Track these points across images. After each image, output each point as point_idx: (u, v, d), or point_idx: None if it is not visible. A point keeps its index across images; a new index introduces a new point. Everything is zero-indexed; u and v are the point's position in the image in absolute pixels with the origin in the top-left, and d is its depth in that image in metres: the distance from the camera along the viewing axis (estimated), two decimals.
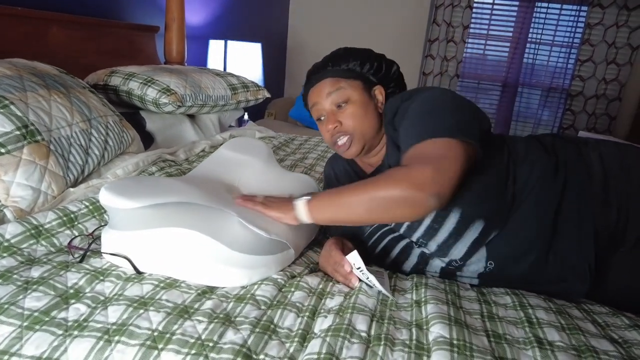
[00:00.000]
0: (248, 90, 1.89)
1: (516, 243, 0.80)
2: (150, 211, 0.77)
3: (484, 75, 3.58)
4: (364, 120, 0.92)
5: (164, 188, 0.82)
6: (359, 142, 0.92)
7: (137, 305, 0.67)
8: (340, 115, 0.92)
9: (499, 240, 0.80)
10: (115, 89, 1.54)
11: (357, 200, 0.75)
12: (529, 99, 3.54)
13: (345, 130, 0.92)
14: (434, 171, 0.71)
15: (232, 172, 1.10)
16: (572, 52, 3.29)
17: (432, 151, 0.75)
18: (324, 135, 0.96)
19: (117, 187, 0.78)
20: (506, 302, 0.76)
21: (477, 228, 0.79)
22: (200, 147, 1.52)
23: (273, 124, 3.05)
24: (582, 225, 0.80)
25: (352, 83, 0.93)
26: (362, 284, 0.77)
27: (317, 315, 0.69)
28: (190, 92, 1.58)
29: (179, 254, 0.76)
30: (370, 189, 0.74)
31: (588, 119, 3.30)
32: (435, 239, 0.82)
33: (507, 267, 0.82)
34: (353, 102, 0.92)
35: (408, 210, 0.72)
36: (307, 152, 1.76)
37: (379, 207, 0.73)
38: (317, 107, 0.94)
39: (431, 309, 0.69)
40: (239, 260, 0.77)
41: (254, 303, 0.70)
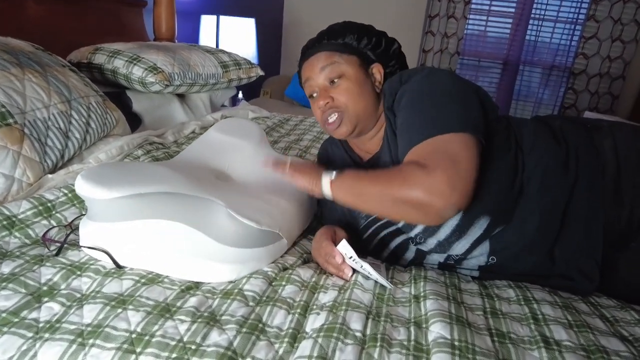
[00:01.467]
0: (240, 68, 1.82)
1: (520, 237, 0.76)
2: (131, 201, 0.72)
3: (484, 52, 3.49)
4: (359, 98, 0.85)
5: (147, 176, 0.77)
6: (350, 122, 0.85)
7: (115, 304, 0.62)
8: (333, 91, 0.86)
9: (503, 234, 0.76)
10: (100, 67, 1.46)
11: (375, 193, 0.71)
12: (530, 78, 3.45)
13: (337, 106, 0.85)
14: (454, 177, 0.65)
15: (222, 156, 1.05)
16: (576, 29, 3.18)
17: (447, 150, 0.69)
18: (315, 113, 0.90)
19: (95, 175, 0.73)
20: (509, 296, 0.72)
21: (482, 224, 0.75)
22: (189, 129, 1.46)
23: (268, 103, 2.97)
24: (591, 220, 0.76)
25: (348, 58, 0.86)
26: (358, 276, 0.73)
27: (309, 312, 0.65)
28: (178, 71, 1.51)
29: (162, 248, 0.72)
30: (388, 185, 0.70)
31: (590, 98, 3.22)
32: (436, 236, 0.77)
33: (510, 263, 0.78)
34: (347, 78, 0.85)
35: (422, 217, 0.69)
36: (302, 133, 1.71)
37: (393, 206, 0.70)
38: (310, 82, 0.88)
39: (431, 305, 0.65)
40: (227, 254, 0.72)
41: (242, 299, 0.66)
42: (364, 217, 0.90)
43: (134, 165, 0.83)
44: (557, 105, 3.38)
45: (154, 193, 0.73)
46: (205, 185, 0.84)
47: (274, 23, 3.57)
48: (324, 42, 0.88)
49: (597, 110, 3.23)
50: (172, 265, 0.72)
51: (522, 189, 0.76)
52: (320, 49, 0.88)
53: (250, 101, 2.98)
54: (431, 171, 0.66)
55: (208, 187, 0.83)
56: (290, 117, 1.96)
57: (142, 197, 0.72)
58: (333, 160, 1.01)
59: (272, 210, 0.82)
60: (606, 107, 3.21)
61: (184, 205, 0.75)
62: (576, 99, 3.28)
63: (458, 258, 0.79)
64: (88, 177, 0.71)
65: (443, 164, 0.67)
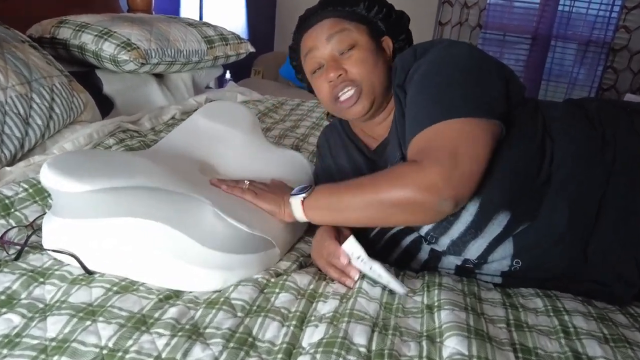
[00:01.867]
0: (227, 44, 1.82)
1: (548, 236, 0.76)
2: (104, 196, 0.72)
3: (510, 25, 3.47)
4: (375, 69, 0.86)
5: (123, 167, 0.78)
6: (368, 97, 0.85)
7: (84, 315, 0.63)
8: (345, 61, 0.85)
9: (528, 232, 0.76)
10: (65, 43, 1.46)
11: (357, 203, 0.74)
12: (563, 55, 3.45)
13: (352, 79, 0.85)
14: (448, 168, 0.67)
15: (207, 147, 1.06)
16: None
17: (445, 139, 0.70)
18: (320, 91, 0.89)
19: (64, 164, 0.73)
20: (537, 306, 0.72)
21: (502, 221, 0.75)
22: (169, 114, 1.47)
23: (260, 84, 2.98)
24: (630, 214, 0.76)
25: (358, 26, 0.87)
26: (363, 282, 0.74)
27: (307, 324, 0.65)
28: (155, 47, 1.51)
29: (138, 250, 0.72)
30: (370, 191, 0.72)
31: (633, 78, 3.22)
32: (449, 234, 0.78)
33: (537, 266, 0.78)
34: (360, 47, 0.85)
35: (416, 217, 0.72)
36: (299, 119, 1.71)
37: (381, 213, 0.73)
38: (313, 54, 0.87)
39: (446, 316, 0.65)
40: (212, 259, 0.73)
41: (229, 309, 0.67)
42: None
43: (108, 154, 0.84)
44: (594, 86, 3.38)
45: (130, 187, 0.74)
46: (188, 180, 0.85)
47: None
48: (329, 9, 0.88)
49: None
50: (149, 270, 0.72)
51: (549, 179, 0.76)
52: (325, 15, 0.87)
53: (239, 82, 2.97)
54: (423, 166, 0.68)
55: (192, 183, 0.84)
56: (285, 100, 1.96)
57: (117, 192, 0.73)
58: (335, 150, 1.01)
59: (263, 213, 0.83)
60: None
61: (165, 202, 0.76)
62: (616, 79, 3.27)
63: (477, 262, 0.80)
64: (56, 166, 0.71)
65: (438, 156, 0.68)
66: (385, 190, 0.70)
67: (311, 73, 0.90)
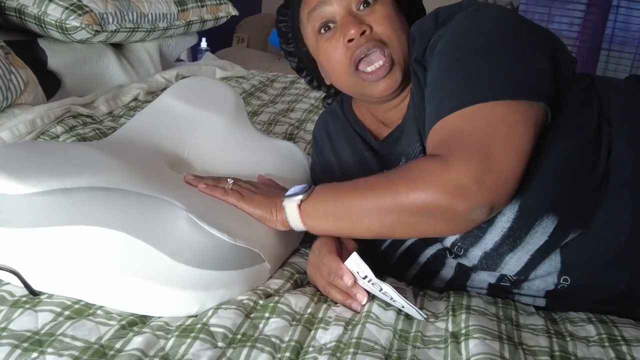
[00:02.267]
0: (203, 5, 1.86)
1: (605, 247, 0.78)
2: (52, 199, 0.75)
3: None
4: (402, 31, 0.89)
5: (76, 163, 0.80)
6: (400, 67, 0.88)
7: (29, 346, 0.65)
8: (368, 17, 0.87)
9: (580, 244, 0.78)
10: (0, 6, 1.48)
11: (369, 209, 0.75)
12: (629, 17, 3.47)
13: (380, 38, 0.87)
14: (482, 166, 0.69)
15: (179, 136, 1.09)
16: None
17: (476, 129, 0.72)
18: (332, 56, 0.89)
19: (2, 159, 0.76)
20: (588, 335, 0.75)
21: (547, 228, 0.77)
22: (130, 95, 1.50)
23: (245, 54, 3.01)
24: None
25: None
26: (373, 305, 0.76)
27: (303, 357, 0.67)
28: (113, 10, 1.54)
29: (95, 266, 0.74)
30: (385, 193, 0.74)
31: None
32: (481, 245, 0.80)
33: (591, 285, 0.81)
34: (383, 3, 0.88)
35: (442, 227, 0.74)
36: (293, 100, 1.75)
37: (398, 221, 0.74)
38: (323, 9, 0.88)
39: (475, 347, 0.68)
40: (186, 276, 0.75)
41: (207, 338, 0.69)
42: None
43: (57, 146, 0.87)
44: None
45: (84, 188, 0.76)
46: (155, 177, 0.88)
47: None
48: None
49: None
50: (108, 291, 0.74)
51: (607, 177, 0.78)
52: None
53: (218, 52, 3.00)
54: (450, 163, 0.70)
55: (160, 180, 0.87)
56: (276, 76, 2.00)
57: (68, 194, 0.75)
58: (337, 142, 1.04)
59: (250, 220, 0.85)
60: None
61: (127, 206, 0.78)
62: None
63: (516, 279, 0.82)
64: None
65: (468, 150, 0.70)
66: (404, 193, 0.71)
67: (317, 32, 0.90)
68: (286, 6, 0.97)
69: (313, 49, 0.94)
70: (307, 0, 0.91)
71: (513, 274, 0.81)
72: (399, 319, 0.74)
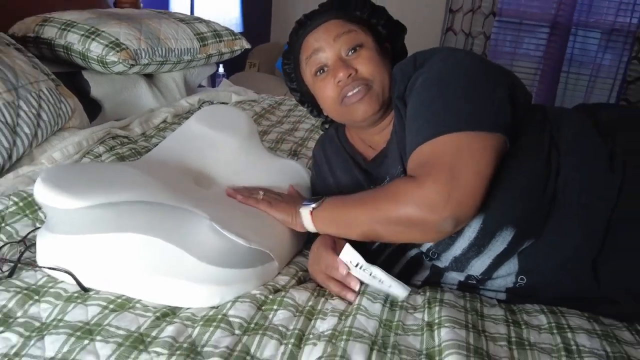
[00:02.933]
0: (221, 41, 1.86)
1: (555, 252, 0.80)
2: (98, 211, 0.76)
3: (527, 12, 3.51)
4: (383, 69, 0.91)
5: (118, 181, 0.82)
6: (378, 97, 0.90)
7: (81, 335, 0.68)
8: (353, 61, 0.90)
9: (534, 250, 0.80)
10: (50, 42, 1.51)
11: (361, 219, 0.82)
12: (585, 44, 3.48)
13: (364, 78, 0.89)
14: (448, 186, 0.72)
15: (203, 155, 1.10)
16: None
17: (445, 154, 0.75)
18: (324, 94, 0.92)
19: (57, 179, 0.77)
20: (540, 324, 0.77)
21: (505, 238, 0.79)
22: (160, 118, 1.51)
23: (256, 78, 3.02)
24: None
25: (363, 29, 0.93)
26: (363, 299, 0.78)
27: (305, 343, 0.70)
28: (146, 47, 1.55)
29: (134, 266, 0.77)
30: (372, 207, 0.79)
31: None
32: (451, 251, 0.82)
33: (544, 284, 0.83)
34: (368, 48, 0.91)
35: (417, 235, 0.79)
36: (297, 121, 1.75)
37: (384, 230, 0.80)
38: (319, 55, 0.92)
39: (446, 334, 0.70)
40: (209, 274, 0.77)
41: (227, 327, 0.71)
42: None
43: (102, 167, 0.88)
44: (619, 78, 3.41)
45: (125, 202, 0.78)
46: (184, 191, 0.89)
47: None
48: (333, 12, 0.93)
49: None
50: (145, 287, 0.77)
51: (555, 195, 0.79)
52: (330, 16, 0.93)
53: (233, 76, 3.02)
54: (422, 183, 0.74)
55: (187, 195, 0.88)
56: (283, 99, 2.01)
57: (112, 207, 0.77)
58: (333, 163, 1.05)
59: (262, 226, 0.88)
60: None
61: (161, 216, 0.80)
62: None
63: (480, 278, 0.84)
64: (49, 181, 0.75)
65: (438, 172, 0.73)
66: (385, 208, 0.77)
67: (313, 74, 0.93)
68: (289, 52, 1.00)
69: (311, 87, 0.97)
70: (305, 48, 0.94)
71: (478, 274, 0.84)
72: (384, 311, 0.77)
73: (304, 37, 0.95)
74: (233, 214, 0.88)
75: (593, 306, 0.82)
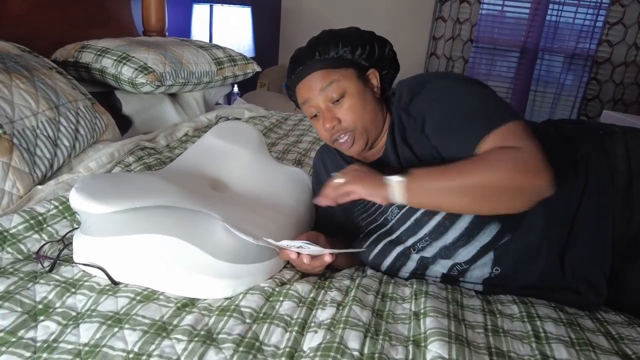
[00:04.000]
0: (236, 64, 1.86)
1: (524, 248, 0.80)
2: (126, 215, 0.77)
3: (500, 39, 3.51)
4: (364, 112, 0.89)
5: (142, 188, 0.82)
6: (362, 138, 0.90)
7: (112, 323, 0.67)
8: (338, 111, 0.88)
9: (507, 244, 0.80)
10: (87, 66, 1.51)
11: (464, 187, 0.72)
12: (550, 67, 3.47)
13: (346, 127, 0.88)
14: (544, 155, 0.70)
15: (218, 164, 1.10)
16: (600, 14, 3.20)
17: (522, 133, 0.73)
18: (321, 133, 0.92)
19: (89, 188, 0.78)
20: (513, 313, 0.77)
21: (492, 231, 0.79)
22: (182, 131, 1.51)
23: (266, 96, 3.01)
24: (600, 228, 0.80)
25: (345, 73, 0.88)
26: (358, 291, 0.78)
27: (307, 330, 0.69)
28: (170, 70, 1.55)
29: (158, 263, 0.76)
30: (479, 174, 0.71)
31: (615, 88, 3.25)
32: (443, 239, 0.81)
33: (514, 274, 0.82)
34: (350, 95, 0.88)
35: (521, 201, 0.71)
36: (301, 134, 1.75)
37: (489, 196, 0.71)
38: (310, 104, 0.91)
39: (430, 323, 0.70)
40: (222, 269, 0.77)
41: (239, 316, 0.71)
42: (364, 225, 0.95)
43: (129, 176, 0.88)
44: (579, 96, 3.40)
45: (149, 207, 0.78)
46: (200, 196, 0.89)
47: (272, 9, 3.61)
48: (317, 57, 0.89)
49: (623, 102, 3.25)
50: (167, 281, 0.76)
51: None
52: (313, 67, 0.89)
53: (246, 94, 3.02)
54: (524, 150, 0.70)
55: (203, 199, 0.88)
56: (288, 115, 2.00)
57: (138, 211, 0.77)
58: (329, 169, 1.04)
59: (269, 225, 0.87)
60: (632, 99, 3.23)
61: (180, 218, 0.80)
62: (600, 90, 3.30)
63: (462, 269, 0.84)
64: (83, 190, 0.76)
65: (530, 142, 0.71)
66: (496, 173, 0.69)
67: (310, 118, 0.94)
68: (290, 87, 0.96)
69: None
70: (299, 94, 0.92)
71: (464, 262, 0.82)
72: (376, 302, 0.76)
73: (296, 83, 0.92)
74: (244, 215, 0.87)
75: (559, 295, 0.81)
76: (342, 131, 0.89)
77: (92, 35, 1.76)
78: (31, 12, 1.56)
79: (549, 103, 3.53)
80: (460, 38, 3.43)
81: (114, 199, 0.76)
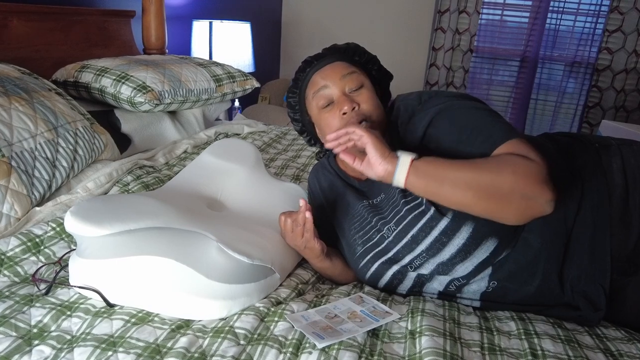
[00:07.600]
0: (234, 81, 1.87)
1: (522, 263, 0.80)
2: (120, 238, 0.77)
3: (500, 49, 3.52)
4: (379, 107, 0.92)
5: (137, 211, 0.82)
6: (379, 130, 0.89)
7: (106, 346, 0.67)
8: (357, 97, 0.90)
9: (504, 259, 0.80)
10: (87, 86, 1.52)
11: (471, 180, 0.71)
12: (550, 75, 3.48)
13: (365, 113, 0.89)
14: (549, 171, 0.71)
15: (214, 182, 1.10)
16: (599, 22, 3.21)
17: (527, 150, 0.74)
18: (329, 124, 0.90)
19: (84, 211, 0.78)
20: (510, 330, 0.76)
21: (489, 247, 0.78)
22: (181, 149, 1.52)
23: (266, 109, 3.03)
24: (597, 243, 0.79)
25: (363, 72, 0.94)
26: None
27: (301, 351, 0.69)
28: (169, 88, 1.57)
29: (152, 285, 0.76)
30: (489, 171, 0.71)
31: (616, 95, 3.24)
32: (441, 255, 0.81)
33: (512, 289, 0.82)
34: (367, 88, 0.92)
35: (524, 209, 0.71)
36: (300, 149, 1.76)
37: (492, 195, 0.71)
38: (325, 91, 0.91)
39: (426, 342, 0.69)
40: (217, 290, 0.77)
41: (233, 337, 0.71)
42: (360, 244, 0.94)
43: (123, 198, 0.89)
44: (581, 104, 3.40)
45: (144, 228, 0.78)
46: (196, 216, 0.89)
47: (272, 24, 3.64)
48: (338, 55, 0.95)
49: (624, 109, 3.24)
50: (162, 302, 0.76)
51: None
52: (336, 58, 0.94)
53: (248, 108, 3.04)
54: (535, 162, 0.71)
55: (199, 219, 0.88)
56: (287, 130, 2.01)
57: (132, 233, 0.77)
58: (326, 189, 1.04)
59: (264, 243, 0.87)
60: (634, 105, 3.22)
61: (174, 240, 0.80)
62: (601, 97, 3.29)
63: (460, 284, 0.83)
64: (77, 213, 0.77)
65: (541, 157, 0.72)
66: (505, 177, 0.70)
67: (321, 108, 0.92)
68: (295, 86, 0.99)
69: (315, 118, 0.95)
70: (312, 83, 0.93)
71: (459, 278, 0.82)
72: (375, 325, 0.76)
73: (311, 74, 0.94)
74: (240, 233, 0.87)
75: (558, 311, 0.81)
76: (362, 116, 0.89)
77: (93, 54, 1.79)
78: (33, 35, 1.59)
79: (550, 111, 3.52)
80: (460, 48, 3.44)
81: (108, 222, 0.76)
